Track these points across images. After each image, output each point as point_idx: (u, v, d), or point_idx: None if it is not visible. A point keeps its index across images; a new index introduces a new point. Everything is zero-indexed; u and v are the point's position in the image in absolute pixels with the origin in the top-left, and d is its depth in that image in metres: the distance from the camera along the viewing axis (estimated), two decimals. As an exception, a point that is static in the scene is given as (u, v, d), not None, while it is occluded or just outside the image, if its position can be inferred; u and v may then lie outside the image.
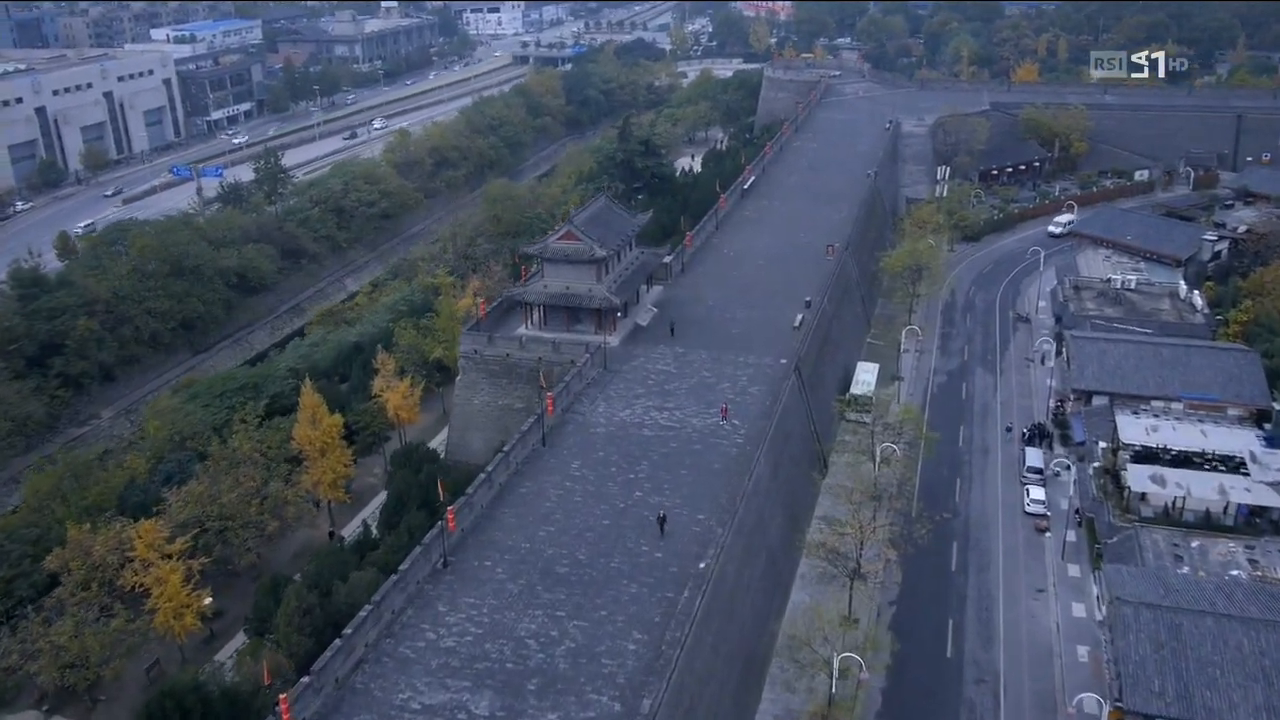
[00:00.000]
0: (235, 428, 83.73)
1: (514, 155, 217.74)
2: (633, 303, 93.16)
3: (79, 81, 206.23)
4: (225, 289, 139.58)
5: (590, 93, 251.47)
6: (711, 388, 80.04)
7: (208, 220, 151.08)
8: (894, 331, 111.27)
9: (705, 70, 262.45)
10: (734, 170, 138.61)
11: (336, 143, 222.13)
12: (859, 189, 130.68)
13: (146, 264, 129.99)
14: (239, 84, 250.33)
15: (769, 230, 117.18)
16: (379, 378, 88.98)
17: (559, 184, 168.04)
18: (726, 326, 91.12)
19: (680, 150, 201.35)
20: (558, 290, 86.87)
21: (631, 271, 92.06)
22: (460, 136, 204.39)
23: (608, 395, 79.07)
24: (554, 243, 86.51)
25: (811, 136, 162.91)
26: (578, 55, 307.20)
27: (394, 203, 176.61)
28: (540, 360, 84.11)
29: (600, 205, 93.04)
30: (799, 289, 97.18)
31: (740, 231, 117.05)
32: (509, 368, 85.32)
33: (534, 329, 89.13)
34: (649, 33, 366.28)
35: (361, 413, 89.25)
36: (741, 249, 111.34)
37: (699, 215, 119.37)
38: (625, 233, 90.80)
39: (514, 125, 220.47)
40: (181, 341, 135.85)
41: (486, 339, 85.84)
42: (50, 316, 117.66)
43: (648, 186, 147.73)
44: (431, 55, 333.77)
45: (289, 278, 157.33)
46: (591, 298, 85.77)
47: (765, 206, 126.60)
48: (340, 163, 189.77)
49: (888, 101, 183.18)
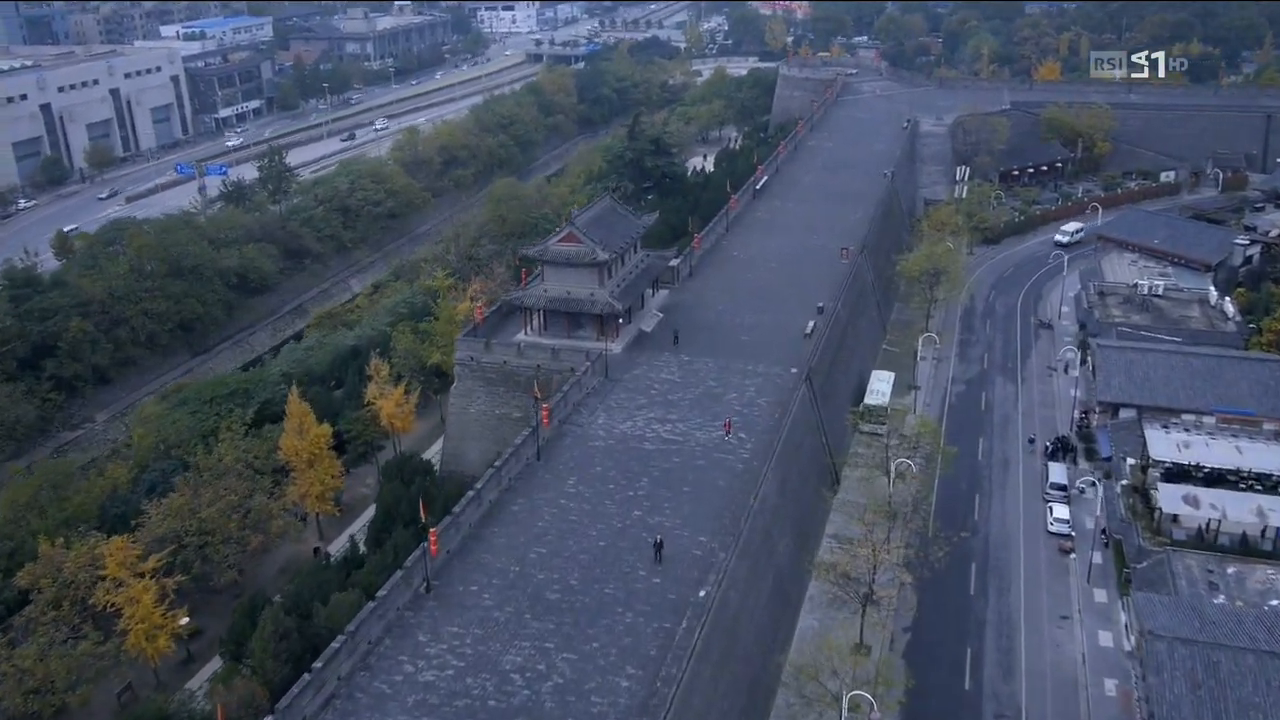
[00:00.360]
0: (221, 436, 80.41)
1: (525, 154, 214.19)
2: (637, 308, 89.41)
3: (85, 78, 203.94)
4: (225, 289, 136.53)
5: (603, 91, 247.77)
6: (718, 398, 76.17)
7: (209, 219, 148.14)
8: (911, 338, 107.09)
9: (719, 68, 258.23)
10: (746, 170, 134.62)
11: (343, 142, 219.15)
12: (875, 189, 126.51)
13: (144, 264, 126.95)
14: (248, 81, 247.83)
15: (782, 232, 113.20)
16: (372, 384, 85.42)
17: (567, 183, 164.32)
18: (735, 333, 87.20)
19: (693, 149, 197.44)
20: (558, 295, 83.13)
21: (636, 275, 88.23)
22: (469, 135, 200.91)
23: (608, 405, 75.30)
24: (554, 245, 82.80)
25: (827, 135, 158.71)
26: (591, 53, 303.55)
27: (400, 202, 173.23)
28: (539, 368, 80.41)
29: (604, 206, 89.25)
30: (811, 294, 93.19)
31: (752, 233, 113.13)
32: (506, 375, 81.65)
33: (533, 335, 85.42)
34: (664, 31, 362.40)
35: (354, 421, 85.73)
36: (753, 252, 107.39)
37: (709, 216, 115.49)
38: (630, 235, 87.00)
39: (525, 124, 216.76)
40: (180, 343, 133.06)
41: (483, 345, 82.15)
42: (43, 317, 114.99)
43: (658, 186, 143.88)
44: (444, 53, 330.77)
45: (292, 278, 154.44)
46: (593, 303, 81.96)
47: (778, 207, 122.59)
48: (346, 161, 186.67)
49: (906, 100, 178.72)
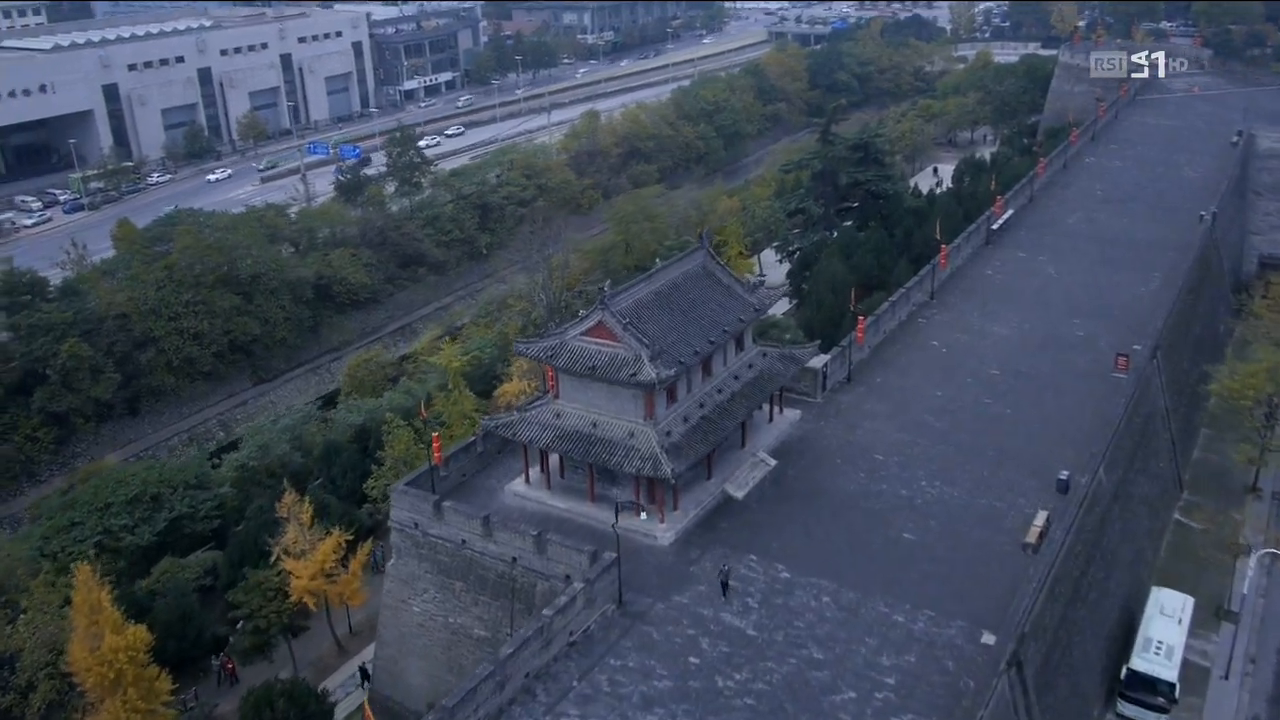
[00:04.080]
0: (34, 592, 50.57)
1: (729, 149, 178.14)
2: (728, 448, 52.21)
3: (252, 41, 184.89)
4: (295, 305, 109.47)
5: (840, 76, 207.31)
6: (818, 693, 38.17)
7: (301, 215, 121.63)
8: (1226, 505, 63.84)
9: (983, 52, 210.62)
10: (980, 200, 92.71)
11: (528, 122, 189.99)
12: (1183, 241, 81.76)
13: (189, 269, 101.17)
14: (441, 51, 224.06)
15: (1018, 308, 71.75)
16: (289, 531, 52.66)
17: (752, 193, 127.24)
18: (887, 524, 48.06)
19: (931, 155, 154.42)
20: (577, 427, 47.36)
21: (729, 396, 50.66)
22: (661, 124, 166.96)
23: (594, 686, 38.89)
24: (575, 339, 47.09)
25: (1115, 150, 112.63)
26: (836, 32, 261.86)
27: (557, 200, 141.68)
28: (515, 564, 45.09)
29: (687, 269, 52.26)
30: (1050, 442, 52.91)
31: (969, 306, 72.41)
32: (466, 565, 46.83)
33: (536, 487, 50.04)
34: (931, 9, 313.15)
35: (252, 589, 53.34)
36: (963, 342, 66.93)
37: (921, 263, 76.31)
38: (722, 327, 49.82)
39: (734, 112, 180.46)
40: (236, 369, 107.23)
41: (432, 506, 47.48)
42: (32, 335, 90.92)
43: (861, 210, 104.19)
44: (675, 27, 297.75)
45: (406, 290, 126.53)
46: (630, 451, 45.56)
47: (1021, 263, 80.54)
48: (501, 149, 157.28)
49: (1235, 104, 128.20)
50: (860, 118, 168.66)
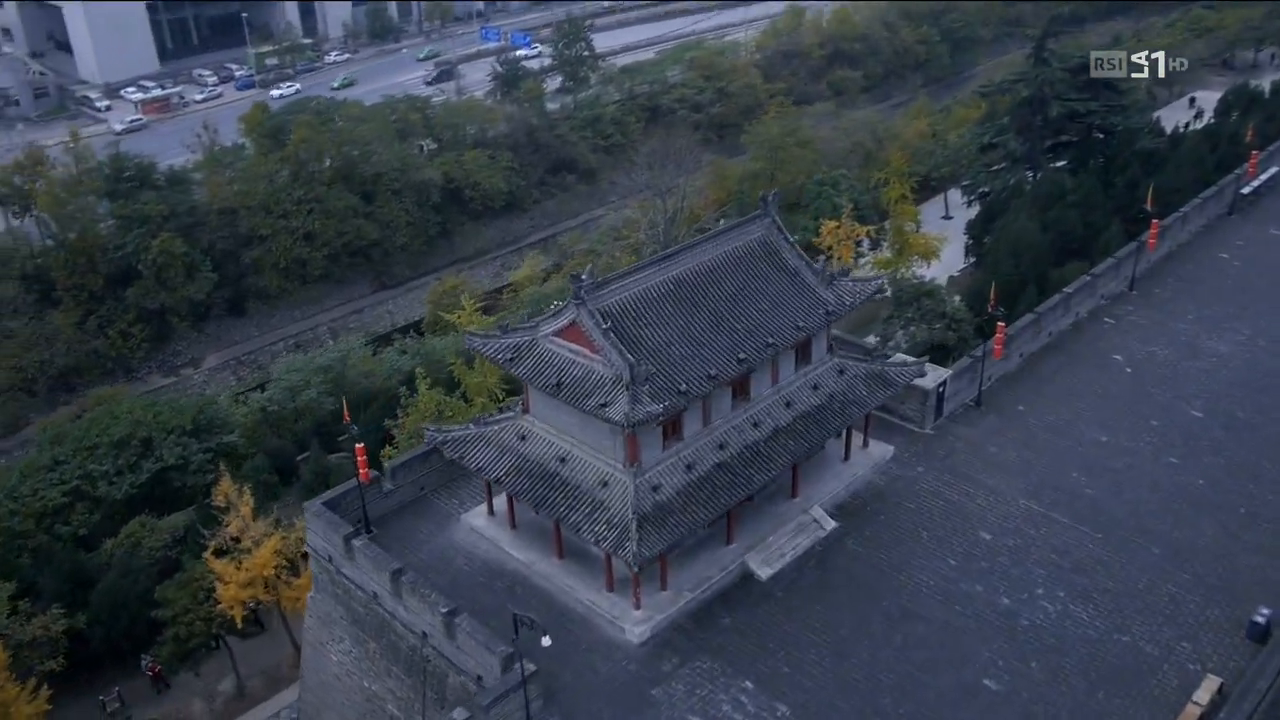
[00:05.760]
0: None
1: (956, 56, 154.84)
2: (773, 494, 37.72)
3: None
4: (422, 209, 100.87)
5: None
6: None
7: (443, 108, 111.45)
8: None
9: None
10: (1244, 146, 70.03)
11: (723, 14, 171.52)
12: None
13: (303, 164, 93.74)
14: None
15: (1258, 316, 51.52)
16: (230, 523, 42.76)
17: (955, 115, 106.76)
18: (965, 657, 32.25)
19: (1199, 80, 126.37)
20: (541, 458, 34.25)
21: (766, 433, 35.84)
22: (876, 23, 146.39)
23: None
24: (547, 338, 33.66)
25: None
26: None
27: (735, 107, 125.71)
28: (426, 641, 33.03)
29: (736, 244, 37.19)
30: (1259, 554, 35.59)
31: (1180, 305, 52.84)
32: (380, 625, 35.18)
33: (498, 524, 37.52)
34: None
35: (183, 586, 43.91)
36: (1160, 361, 48.15)
37: (1136, 227, 57.20)
38: (767, 334, 34.92)
39: (968, 13, 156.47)
40: (351, 274, 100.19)
41: (342, 540, 35.76)
42: (128, 227, 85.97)
43: (1080, 149, 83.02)
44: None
45: (554, 198, 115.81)
46: (595, 508, 32.05)
47: (1275, 245, 59.42)
48: (683, 44, 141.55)
49: None
50: (1112, 28, 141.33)
